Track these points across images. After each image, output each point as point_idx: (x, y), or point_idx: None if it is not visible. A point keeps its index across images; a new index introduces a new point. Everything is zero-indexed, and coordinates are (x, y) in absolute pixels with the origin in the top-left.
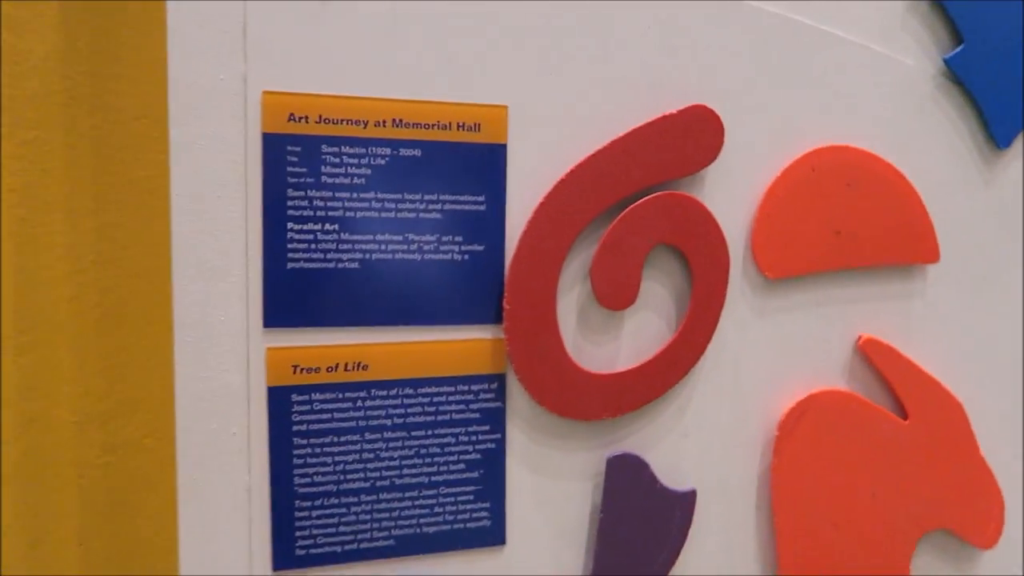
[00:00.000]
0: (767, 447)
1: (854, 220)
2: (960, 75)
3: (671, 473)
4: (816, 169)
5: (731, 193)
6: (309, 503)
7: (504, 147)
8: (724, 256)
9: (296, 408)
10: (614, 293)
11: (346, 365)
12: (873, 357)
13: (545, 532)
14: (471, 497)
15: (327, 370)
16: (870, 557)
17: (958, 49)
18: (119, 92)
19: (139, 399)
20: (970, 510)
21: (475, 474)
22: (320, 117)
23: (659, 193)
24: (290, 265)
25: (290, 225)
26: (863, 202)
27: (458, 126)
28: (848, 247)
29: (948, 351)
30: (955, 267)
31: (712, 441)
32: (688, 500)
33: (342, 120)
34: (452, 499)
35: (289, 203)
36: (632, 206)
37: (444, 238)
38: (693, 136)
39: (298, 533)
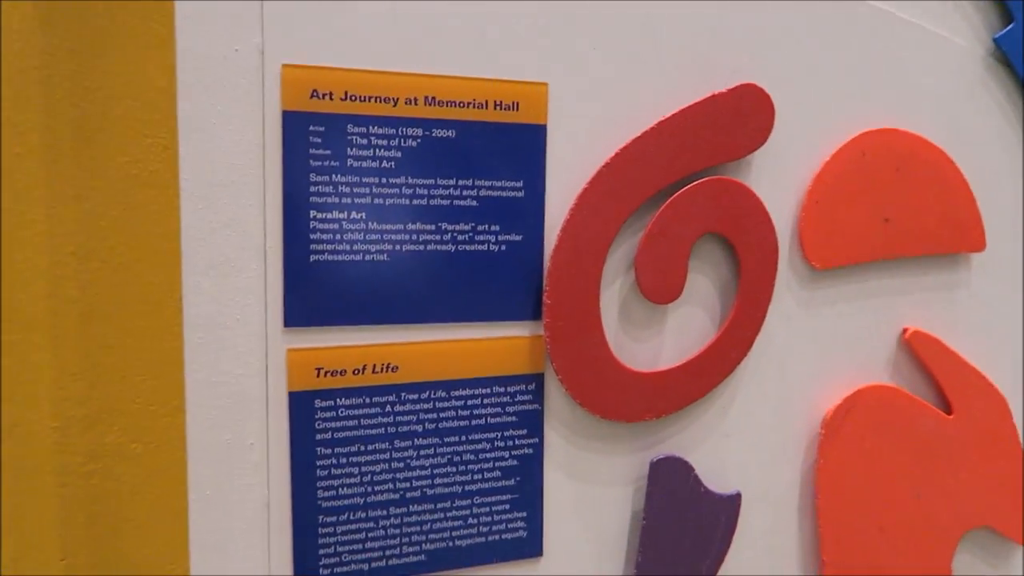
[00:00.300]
0: (811, 446)
1: (903, 207)
2: (1009, 55)
3: (713, 475)
4: (867, 153)
5: (778, 178)
6: (334, 518)
7: (544, 128)
8: (773, 246)
9: (320, 415)
10: (660, 286)
11: (374, 367)
12: (919, 350)
13: (584, 541)
14: (507, 507)
15: (353, 372)
16: (913, 558)
17: (1008, 28)
18: (104, 70)
19: (125, 402)
20: (1011, 506)
21: (511, 481)
22: (346, 94)
23: (708, 178)
24: (313, 258)
25: (313, 213)
26: (912, 188)
27: (495, 105)
28: (896, 235)
29: (992, 342)
30: (1000, 256)
31: (756, 440)
32: (733, 504)
33: (370, 97)
34: (487, 509)
35: (312, 189)
36: (680, 192)
37: (480, 227)
38: (743, 117)
39: (322, 551)
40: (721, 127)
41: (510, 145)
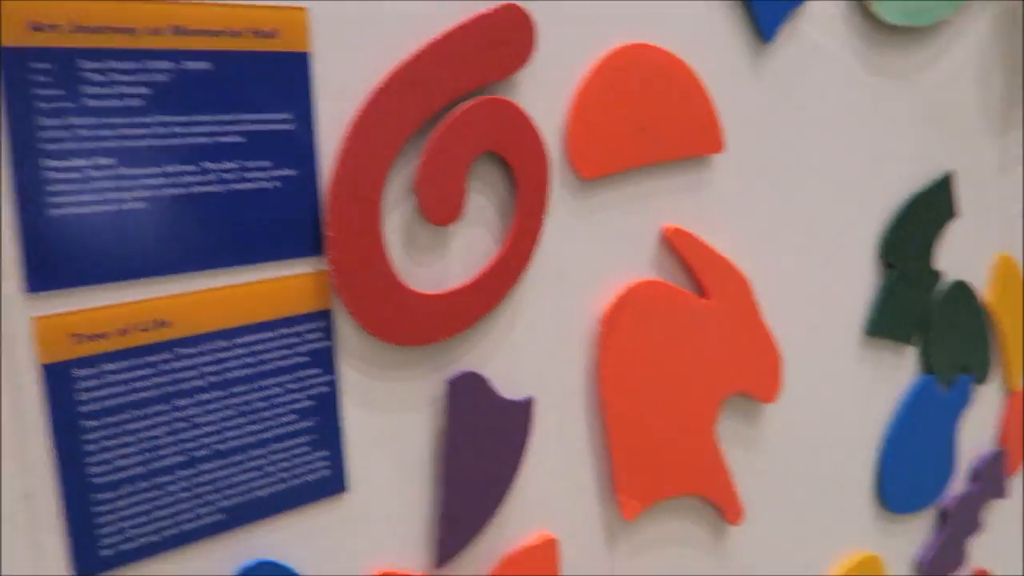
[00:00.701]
0: (594, 345)
1: (654, 116)
2: None
3: (509, 385)
4: (619, 68)
5: (544, 95)
6: (112, 493)
7: (306, 56)
8: (545, 160)
9: (82, 385)
10: (441, 208)
11: (141, 325)
12: (676, 244)
13: (390, 469)
14: (306, 448)
15: (118, 334)
16: (686, 429)
17: None
18: None
19: None
20: (758, 372)
21: (309, 423)
22: (74, 25)
23: (479, 99)
24: (54, 212)
25: (48, 163)
26: (661, 99)
27: (252, 32)
28: (651, 143)
29: (734, 232)
30: (737, 156)
31: (544, 348)
32: (526, 409)
33: (105, 28)
34: (285, 455)
35: (43, 134)
36: (451, 114)
37: (248, 164)
38: (507, 36)
39: (102, 531)
40: (487, 47)
41: (273, 75)
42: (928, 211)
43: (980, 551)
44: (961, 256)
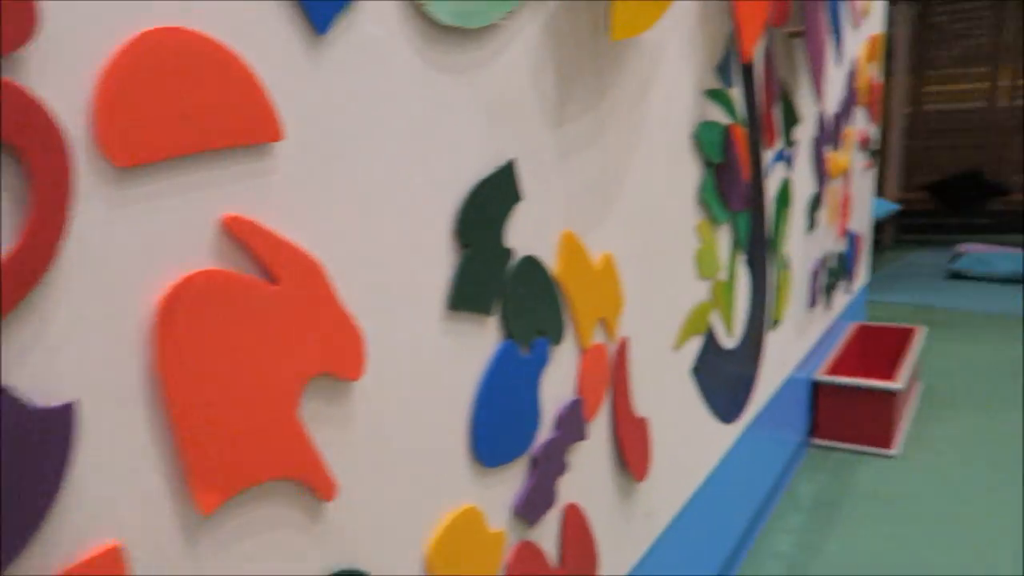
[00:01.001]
0: (150, 340)
1: (197, 103)
2: None
3: (47, 393)
4: (151, 52)
5: (56, 78)
6: None
7: None
8: (62, 148)
9: None
10: None
11: None
12: (237, 233)
13: None
14: None
15: None
16: (267, 416)
17: None
18: None
19: None
20: (340, 352)
21: None
22: None
23: None
24: None
25: None
26: (203, 85)
27: None
28: (197, 130)
29: (305, 218)
30: (301, 145)
31: (90, 348)
32: (64, 415)
33: None
34: None
35: None
36: None
37: None
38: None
39: None
40: None
41: None
42: (495, 195)
43: (568, 488)
44: (530, 234)
